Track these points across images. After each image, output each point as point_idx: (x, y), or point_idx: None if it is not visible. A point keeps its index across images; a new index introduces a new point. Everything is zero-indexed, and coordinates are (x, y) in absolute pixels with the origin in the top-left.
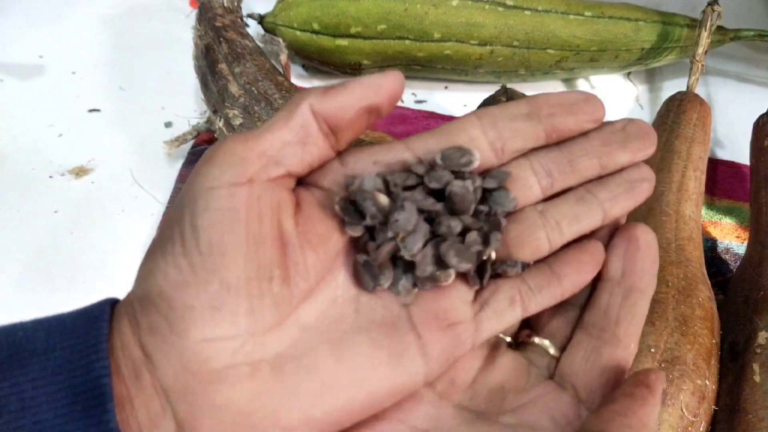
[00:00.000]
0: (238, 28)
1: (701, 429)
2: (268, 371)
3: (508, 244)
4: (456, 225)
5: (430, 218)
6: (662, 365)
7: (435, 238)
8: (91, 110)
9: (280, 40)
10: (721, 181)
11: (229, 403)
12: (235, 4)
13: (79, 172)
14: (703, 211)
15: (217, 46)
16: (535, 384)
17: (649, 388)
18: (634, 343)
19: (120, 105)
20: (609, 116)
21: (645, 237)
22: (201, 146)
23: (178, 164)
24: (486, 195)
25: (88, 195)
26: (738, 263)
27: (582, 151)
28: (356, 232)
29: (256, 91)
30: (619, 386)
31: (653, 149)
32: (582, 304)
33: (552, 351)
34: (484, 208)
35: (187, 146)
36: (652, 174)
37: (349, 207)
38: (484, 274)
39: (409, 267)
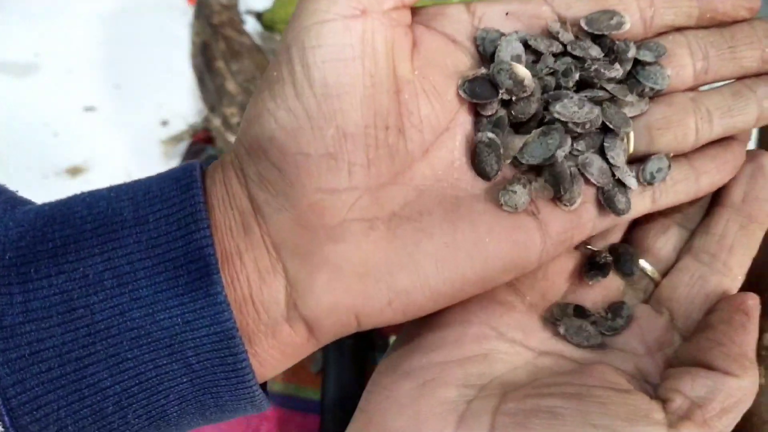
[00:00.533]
0: (235, 26)
1: None
2: (384, 230)
3: (652, 126)
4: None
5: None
6: None
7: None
8: (86, 109)
9: (278, 37)
10: None
11: (344, 262)
12: (233, 1)
13: (75, 171)
14: None
15: (215, 44)
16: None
17: (747, 315)
18: (742, 275)
19: (116, 103)
20: None
21: None
22: (198, 145)
23: (175, 163)
24: (637, 69)
25: None
26: None
27: (746, 39)
28: (489, 111)
29: (253, 89)
30: (714, 312)
31: None
32: (693, 229)
33: (653, 274)
34: (633, 82)
35: (183, 145)
36: None
37: (479, 84)
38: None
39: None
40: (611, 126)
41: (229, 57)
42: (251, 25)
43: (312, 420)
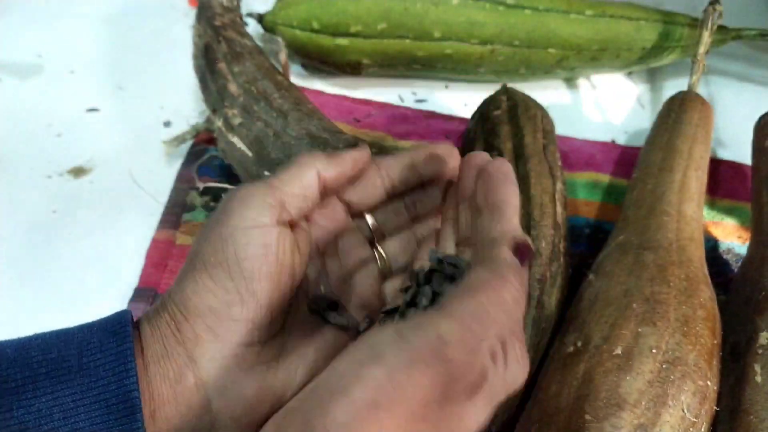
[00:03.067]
0: (237, 27)
1: (702, 430)
2: (274, 367)
3: None
4: None
5: None
6: (664, 366)
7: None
8: (89, 110)
9: (280, 39)
10: (723, 181)
11: (253, 392)
12: (235, 3)
13: (78, 171)
14: (705, 211)
15: (217, 45)
16: None
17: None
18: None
19: (119, 104)
20: (611, 116)
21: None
22: (200, 146)
23: (177, 164)
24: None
25: (87, 195)
26: (739, 263)
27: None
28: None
29: (255, 91)
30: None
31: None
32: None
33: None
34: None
35: (186, 146)
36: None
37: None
38: None
39: None
40: None
41: (231, 59)
42: (253, 27)
43: None
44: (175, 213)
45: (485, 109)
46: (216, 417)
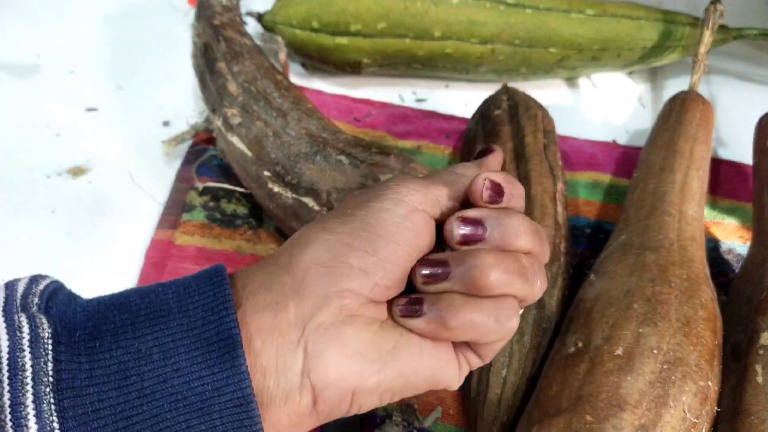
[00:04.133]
0: (236, 27)
1: (703, 430)
2: (377, 328)
3: None
4: None
5: None
6: (665, 366)
7: None
8: (88, 109)
9: (279, 38)
10: (724, 180)
11: (351, 341)
12: (234, 2)
13: (77, 171)
14: (706, 211)
15: (216, 45)
16: None
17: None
18: None
19: (118, 104)
20: (612, 116)
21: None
22: (199, 145)
23: (177, 164)
24: None
25: (86, 195)
26: (741, 263)
27: None
28: None
29: (254, 90)
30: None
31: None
32: None
33: None
34: None
35: (185, 146)
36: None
37: None
38: None
39: None
40: None
41: (230, 58)
42: (252, 26)
43: None
44: (174, 213)
45: (486, 108)
46: (310, 358)
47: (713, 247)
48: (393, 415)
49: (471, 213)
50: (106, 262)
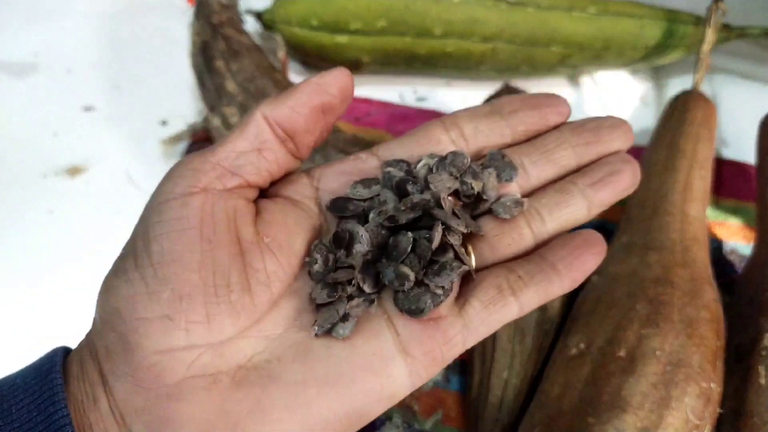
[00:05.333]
0: (235, 25)
1: None
2: (229, 383)
3: (488, 236)
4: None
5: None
6: (667, 368)
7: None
8: (86, 109)
9: (278, 36)
10: (727, 180)
11: (186, 421)
12: (233, 0)
13: (74, 171)
14: (709, 211)
15: (214, 43)
16: None
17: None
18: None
19: (115, 103)
20: (614, 114)
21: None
22: (197, 144)
23: (175, 162)
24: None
25: (84, 194)
26: (744, 264)
27: (555, 142)
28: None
29: (253, 89)
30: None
31: (629, 139)
32: None
33: None
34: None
35: (183, 145)
36: (634, 161)
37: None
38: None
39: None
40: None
41: (229, 56)
42: (251, 25)
43: None
44: None
45: None
46: None
47: (716, 247)
48: (393, 417)
49: None
50: (103, 263)
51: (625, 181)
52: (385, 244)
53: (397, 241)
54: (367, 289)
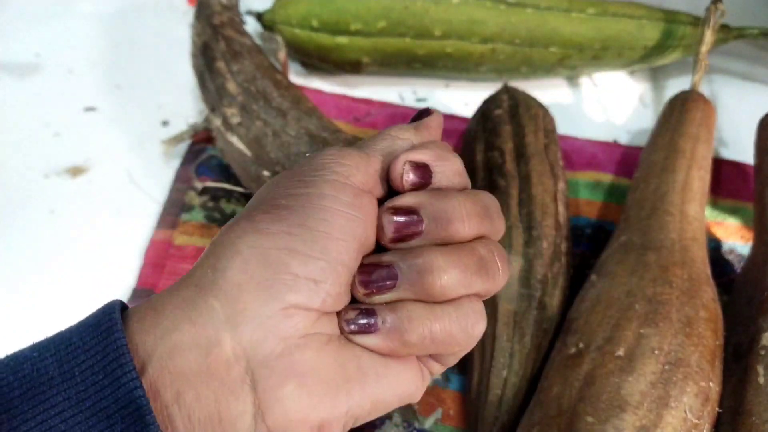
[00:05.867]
0: (236, 26)
1: (705, 431)
2: (338, 344)
3: None
4: None
5: None
6: (666, 367)
7: None
8: (87, 109)
9: (279, 37)
10: (726, 180)
11: (309, 369)
12: (233, 1)
13: (76, 171)
14: (707, 211)
15: (215, 44)
16: None
17: None
18: None
19: (117, 104)
20: (613, 115)
21: None
22: (198, 145)
23: (176, 163)
24: None
25: (85, 195)
26: (742, 264)
27: None
28: None
29: (254, 90)
30: None
31: None
32: None
33: None
34: None
35: (184, 145)
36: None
37: None
38: None
39: None
40: None
41: (230, 57)
42: (252, 26)
43: None
44: (173, 213)
45: (486, 108)
46: (261, 398)
47: (715, 247)
48: (393, 416)
49: (401, 201)
50: (104, 263)
51: None
52: None
53: None
54: None
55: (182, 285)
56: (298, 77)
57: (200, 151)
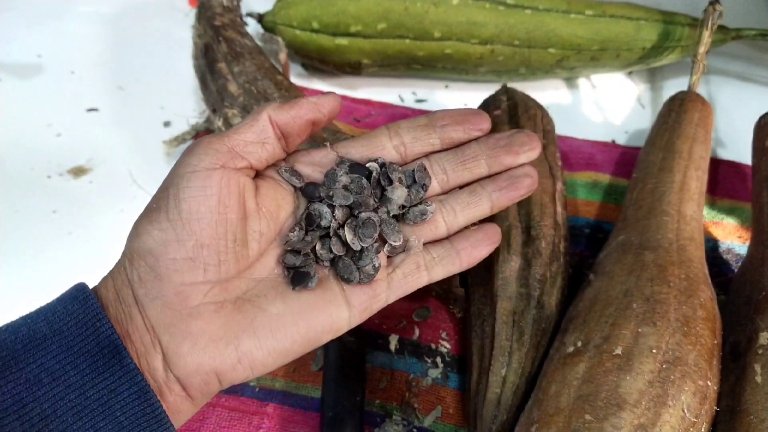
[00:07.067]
0: (237, 27)
1: (702, 430)
2: (231, 309)
3: (415, 227)
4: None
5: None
6: (664, 366)
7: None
8: (89, 110)
9: (280, 39)
10: (723, 181)
11: (201, 332)
12: (235, 2)
13: (78, 171)
14: (705, 211)
15: (217, 45)
16: None
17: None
18: None
19: (119, 104)
20: (611, 116)
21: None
22: None
23: None
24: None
25: (87, 195)
26: (740, 263)
27: (472, 154)
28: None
29: (255, 91)
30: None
31: (537, 151)
32: None
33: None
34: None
35: (185, 146)
36: (534, 171)
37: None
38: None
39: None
40: (388, 239)
41: (231, 58)
42: (252, 27)
43: (312, 417)
44: None
45: (485, 108)
46: (167, 356)
47: (712, 246)
48: (393, 414)
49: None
50: (107, 263)
51: (522, 190)
52: (341, 225)
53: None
54: (324, 257)
55: (117, 270)
56: (298, 78)
57: None
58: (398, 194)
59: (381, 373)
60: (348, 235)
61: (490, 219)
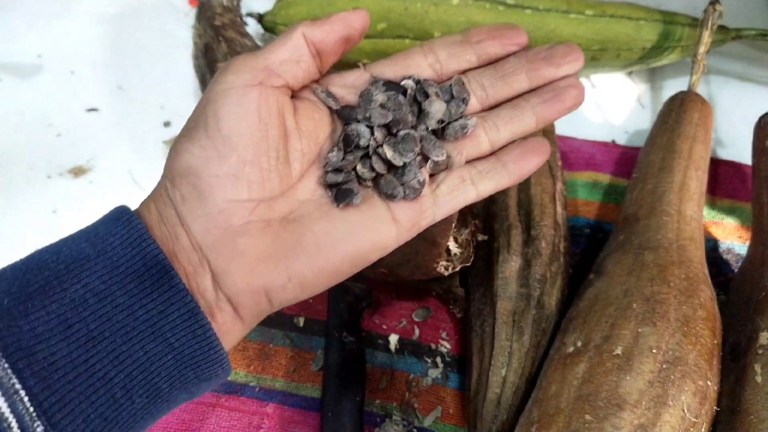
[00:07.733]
0: (237, 27)
1: (703, 430)
2: (277, 228)
3: (457, 143)
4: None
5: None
6: (664, 366)
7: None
8: (89, 110)
9: None
10: (723, 181)
11: (249, 250)
12: (235, 3)
13: (78, 171)
14: (705, 211)
15: (217, 45)
16: None
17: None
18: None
19: (119, 104)
20: (611, 116)
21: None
22: None
23: None
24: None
25: (87, 195)
26: (740, 263)
27: (511, 68)
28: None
29: None
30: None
31: (579, 63)
32: None
33: None
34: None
35: None
36: (580, 84)
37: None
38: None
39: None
40: (430, 154)
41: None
42: (253, 27)
43: (312, 417)
44: None
45: None
46: (216, 274)
47: (712, 246)
48: (393, 414)
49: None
50: None
51: (568, 102)
52: (380, 144)
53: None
54: (366, 176)
55: (158, 193)
56: None
57: None
58: (436, 107)
59: (381, 373)
60: (388, 152)
61: (490, 215)
